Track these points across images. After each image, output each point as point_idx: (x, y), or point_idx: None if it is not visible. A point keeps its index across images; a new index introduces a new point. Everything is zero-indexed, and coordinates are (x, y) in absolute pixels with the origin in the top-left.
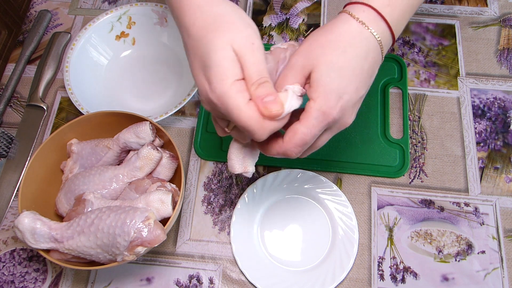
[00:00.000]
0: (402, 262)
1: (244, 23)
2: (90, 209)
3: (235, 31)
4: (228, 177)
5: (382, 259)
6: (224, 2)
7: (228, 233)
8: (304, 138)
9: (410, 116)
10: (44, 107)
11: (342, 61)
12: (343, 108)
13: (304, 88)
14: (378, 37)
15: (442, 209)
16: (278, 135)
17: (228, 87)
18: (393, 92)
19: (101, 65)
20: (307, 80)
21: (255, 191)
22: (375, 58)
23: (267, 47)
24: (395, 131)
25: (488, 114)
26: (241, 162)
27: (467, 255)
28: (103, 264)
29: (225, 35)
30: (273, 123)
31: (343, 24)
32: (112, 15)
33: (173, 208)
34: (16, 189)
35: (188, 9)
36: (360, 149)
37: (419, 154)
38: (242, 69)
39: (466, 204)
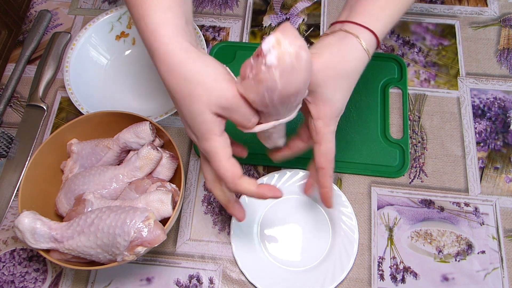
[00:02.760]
0: (402, 262)
1: (213, 81)
2: (90, 209)
3: (208, 96)
4: None
5: (382, 259)
6: (190, 59)
7: (228, 233)
8: (331, 154)
9: (410, 116)
10: (44, 107)
11: (346, 86)
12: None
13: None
14: (369, 53)
15: (442, 209)
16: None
17: (212, 144)
18: (393, 92)
19: (101, 65)
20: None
21: None
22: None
23: None
24: (395, 131)
25: (488, 114)
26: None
27: (467, 255)
28: (103, 264)
29: (200, 100)
30: (244, 187)
31: (354, 52)
32: (112, 15)
33: (173, 208)
34: (16, 189)
35: (160, 69)
36: (360, 149)
37: (419, 154)
38: (224, 118)
39: (466, 204)
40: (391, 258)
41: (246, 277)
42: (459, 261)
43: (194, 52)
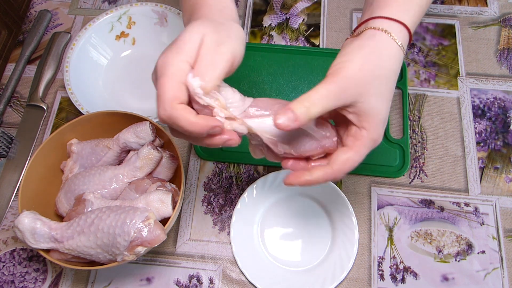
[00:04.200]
0: (402, 262)
1: (224, 35)
2: (90, 209)
3: (211, 26)
4: (228, 177)
5: (382, 259)
6: (229, 21)
7: (228, 233)
8: (354, 165)
9: (410, 116)
10: (44, 107)
11: (388, 91)
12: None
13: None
14: (404, 51)
15: (442, 209)
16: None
17: (177, 59)
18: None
19: (101, 65)
20: (350, 110)
21: (255, 191)
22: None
23: (269, 47)
24: (395, 131)
25: (488, 114)
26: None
27: (467, 255)
28: (103, 264)
29: (200, 26)
30: (180, 113)
31: (388, 51)
32: (112, 15)
33: (173, 208)
34: (16, 189)
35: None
36: None
37: (419, 154)
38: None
39: (466, 204)
40: (391, 258)
41: (246, 277)
42: (459, 261)
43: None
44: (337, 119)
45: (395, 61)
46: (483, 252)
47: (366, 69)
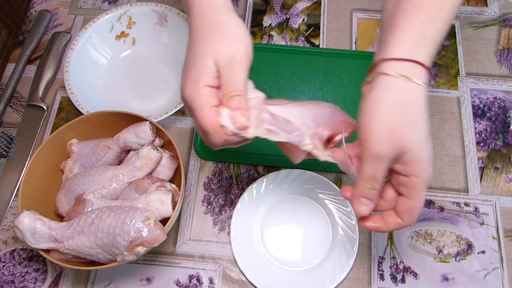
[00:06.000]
0: (402, 262)
1: (234, 36)
2: (90, 209)
3: (221, 44)
4: (228, 177)
5: (382, 259)
6: (225, 13)
7: (228, 233)
8: (420, 211)
9: None
10: (44, 107)
11: (424, 132)
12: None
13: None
14: (427, 88)
15: (442, 209)
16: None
17: (198, 88)
18: None
19: (101, 65)
20: (395, 162)
21: (255, 191)
22: None
23: (269, 47)
24: None
25: (488, 114)
26: None
27: (467, 255)
28: (103, 264)
29: (210, 46)
30: (228, 135)
31: (412, 94)
32: (112, 15)
33: (173, 208)
34: (16, 189)
35: (194, 13)
36: None
37: None
38: (219, 79)
39: (466, 204)
40: (391, 258)
41: (246, 277)
42: (459, 261)
43: (232, 11)
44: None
45: (419, 97)
46: (483, 252)
47: (394, 123)
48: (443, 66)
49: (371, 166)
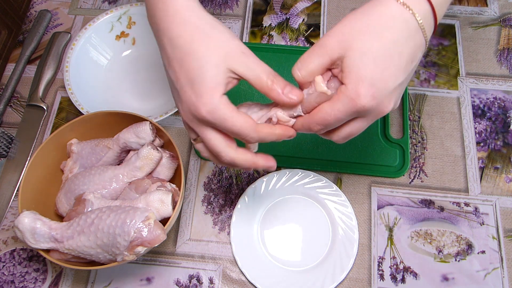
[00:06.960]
0: (402, 262)
1: (229, 34)
2: (90, 209)
3: (226, 44)
4: (228, 177)
5: (382, 259)
6: (206, 14)
7: (228, 233)
8: (326, 118)
9: (410, 116)
10: (44, 107)
11: (376, 47)
12: (375, 96)
13: (328, 77)
14: (420, 20)
15: (442, 209)
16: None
17: (219, 100)
18: None
19: (101, 65)
20: (334, 64)
21: (255, 191)
22: (416, 42)
23: (269, 47)
24: (395, 131)
25: (488, 114)
26: None
27: (467, 255)
28: (103, 264)
29: (217, 49)
30: (267, 128)
31: (380, 6)
32: (112, 15)
33: (173, 208)
34: (16, 189)
35: (173, 21)
36: (360, 149)
37: (419, 154)
38: (238, 78)
39: (466, 204)
40: (391, 258)
41: (246, 277)
42: (459, 261)
43: (208, 14)
44: None
45: (400, 24)
46: (483, 252)
47: (352, 26)
48: (443, 66)
49: (316, 54)
